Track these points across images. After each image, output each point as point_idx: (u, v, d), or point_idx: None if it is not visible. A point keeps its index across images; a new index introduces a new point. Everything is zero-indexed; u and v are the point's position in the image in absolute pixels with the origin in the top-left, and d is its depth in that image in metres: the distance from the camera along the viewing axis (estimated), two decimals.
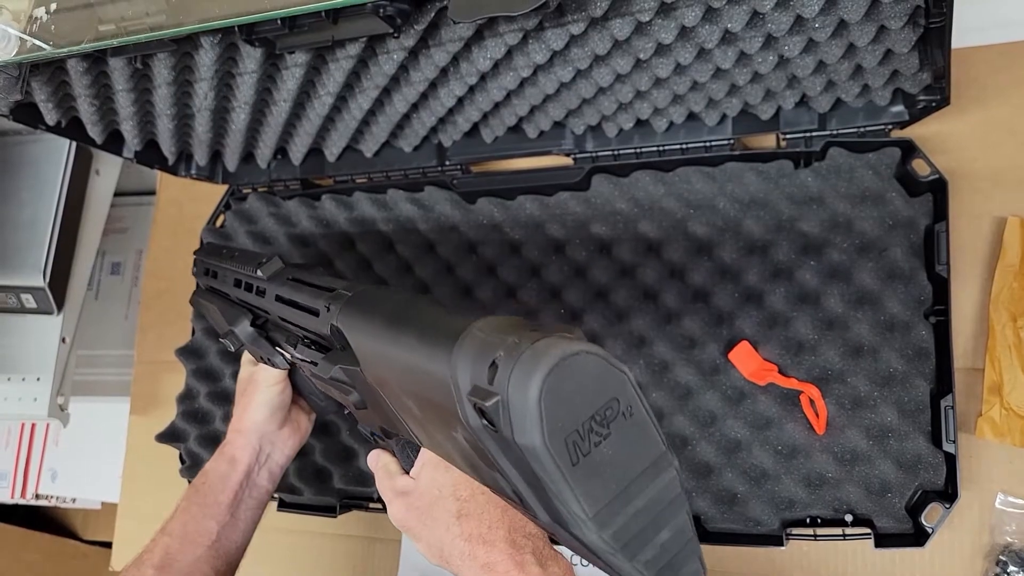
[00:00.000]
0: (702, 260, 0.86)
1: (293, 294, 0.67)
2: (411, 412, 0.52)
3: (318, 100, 0.83)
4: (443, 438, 0.50)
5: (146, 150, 0.97)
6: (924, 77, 0.73)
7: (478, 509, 0.54)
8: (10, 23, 0.49)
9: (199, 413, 1.01)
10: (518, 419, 0.36)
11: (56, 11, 0.52)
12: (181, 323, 1.11)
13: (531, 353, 0.36)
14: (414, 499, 0.58)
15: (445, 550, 0.55)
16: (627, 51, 0.70)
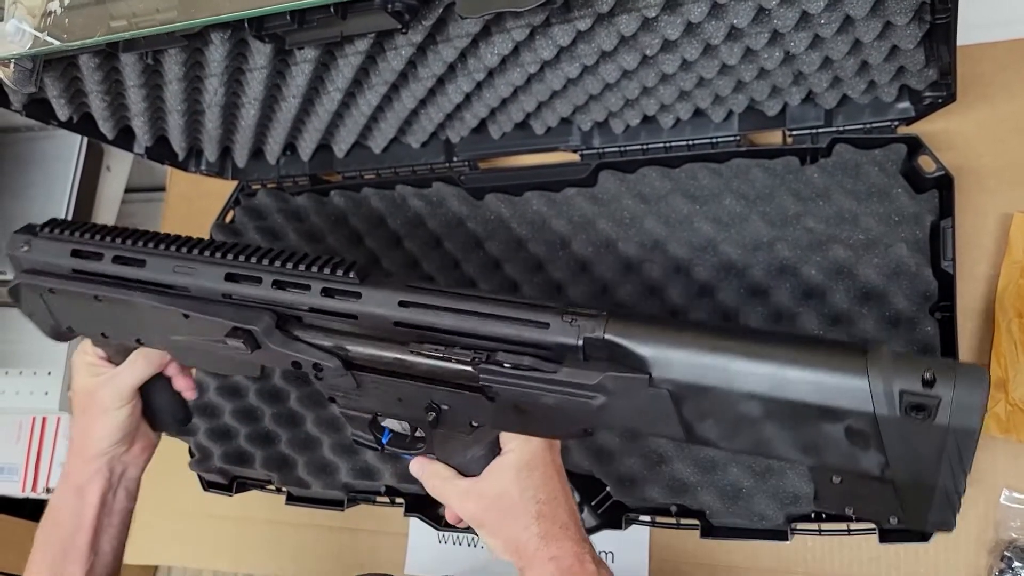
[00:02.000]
0: (708, 256, 0.86)
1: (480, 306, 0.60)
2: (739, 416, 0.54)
3: (327, 96, 0.84)
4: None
5: (156, 146, 0.98)
6: (930, 73, 0.73)
7: (553, 511, 0.61)
8: (24, 17, 0.50)
9: (208, 407, 1.02)
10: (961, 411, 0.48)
11: (70, 6, 0.53)
12: None
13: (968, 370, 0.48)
14: (492, 499, 0.62)
15: (520, 545, 0.61)
16: (634, 47, 0.70)
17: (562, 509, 0.62)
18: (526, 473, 0.62)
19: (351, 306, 0.61)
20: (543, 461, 0.63)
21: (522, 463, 0.62)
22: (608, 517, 0.86)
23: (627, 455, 0.84)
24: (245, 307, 0.63)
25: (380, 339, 0.62)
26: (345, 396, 0.66)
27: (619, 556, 0.90)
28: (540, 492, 0.62)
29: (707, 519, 0.81)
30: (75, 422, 0.75)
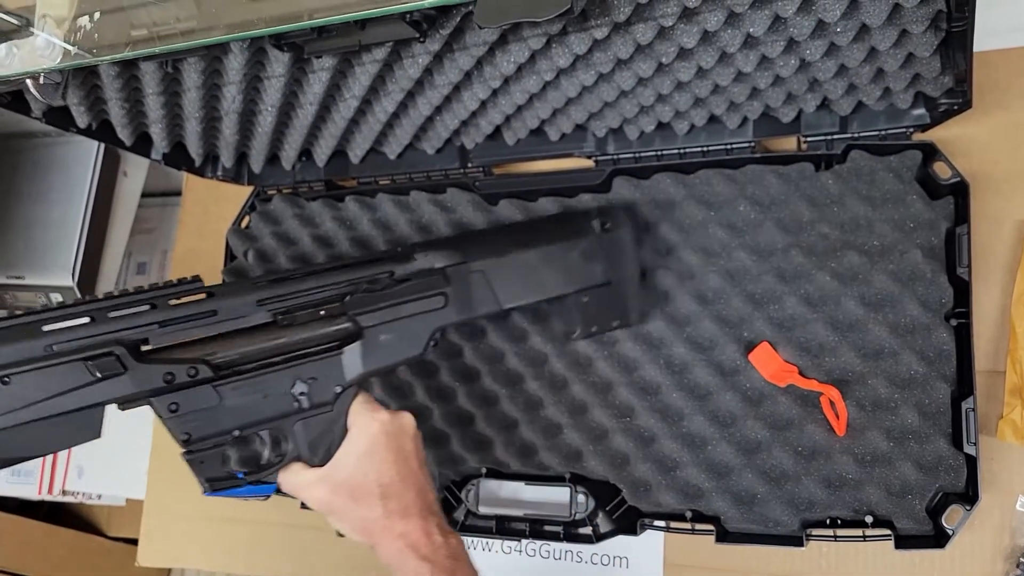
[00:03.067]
0: (722, 262, 0.86)
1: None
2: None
3: (343, 103, 0.85)
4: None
5: (174, 152, 0.99)
6: (946, 80, 0.73)
7: (398, 492, 0.69)
8: (54, 31, 0.50)
9: None
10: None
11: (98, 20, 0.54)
12: None
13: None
14: (338, 484, 0.69)
15: (369, 525, 0.68)
16: (649, 55, 0.71)
17: (408, 489, 0.69)
18: (367, 459, 0.69)
19: (208, 305, 0.67)
20: (383, 446, 0.70)
21: (363, 450, 0.70)
22: (623, 522, 0.86)
23: (641, 461, 0.84)
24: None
25: (244, 331, 0.68)
26: (201, 424, 0.67)
27: (633, 561, 0.90)
28: (383, 475, 0.69)
29: (721, 524, 0.82)
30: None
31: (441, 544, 0.69)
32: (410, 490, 0.70)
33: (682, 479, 0.83)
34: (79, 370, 0.62)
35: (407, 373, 0.95)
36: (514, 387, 0.92)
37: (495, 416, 0.91)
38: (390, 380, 0.96)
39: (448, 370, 0.94)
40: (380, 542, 0.68)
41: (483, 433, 0.92)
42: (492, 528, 0.91)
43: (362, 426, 0.70)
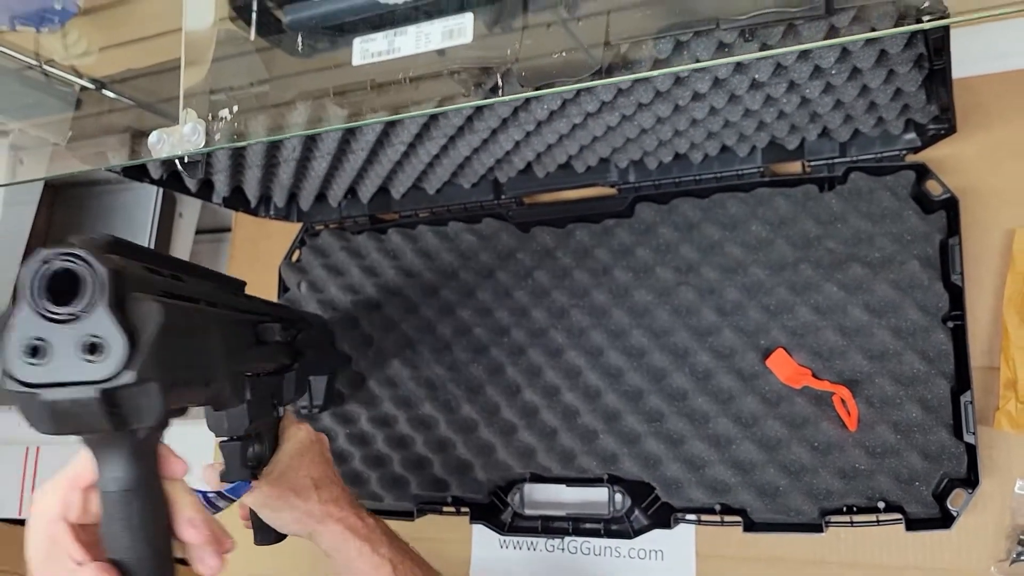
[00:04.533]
0: (738, 277, 0.95)
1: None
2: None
3: (391, 148, 0.94)
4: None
5: (232, 195, 1.08)
6: (932, 109, 0.82)
7: (327, 486, 0.79)
8: (198, 121, 0.60)
9: None
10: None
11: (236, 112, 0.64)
12: None
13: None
14: (278, 480, 0.77)
15: (307, 515, 0.77)
16: (667, 99, 0.80)
17: (335, 485, 0.81)
18: (298, 458, 0.79)
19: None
20: (310, 449, 0.81)
21: (294, 450, 0.79)
22: (657, 518, 0.94)
23: (672, 461, 0.93)
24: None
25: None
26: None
27: (668, 553, 0.98)
28: (314, 471, 0.79)
29: (748, 516, 0.90)
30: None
31: (374, 526, 0.80)
32: (336, 484, 0.81)
33: (710, 476, 0.91)
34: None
35: (454, 388, 1.04)
36: (552, 398, 1.00)
37: (536, 426, 1.00)
38: (436, 396, 1.05)
39: (492, 385, 1.03)
40: (320, 529, 0.78)
41: (526, 441, 1.00)
42: (538, 528, 0.99)
43: (291, 432, 0.81)
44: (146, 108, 0.85)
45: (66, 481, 0.53)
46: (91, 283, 0.44)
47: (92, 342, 0.44)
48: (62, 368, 0.44)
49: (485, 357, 1.04)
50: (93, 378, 0.44)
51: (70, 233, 1.26)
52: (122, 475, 0.49)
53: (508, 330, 1.04)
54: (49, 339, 0.44)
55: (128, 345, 0.44)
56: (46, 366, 0.44)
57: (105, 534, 0.50)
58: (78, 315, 0.44)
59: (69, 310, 0.44)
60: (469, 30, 0.69)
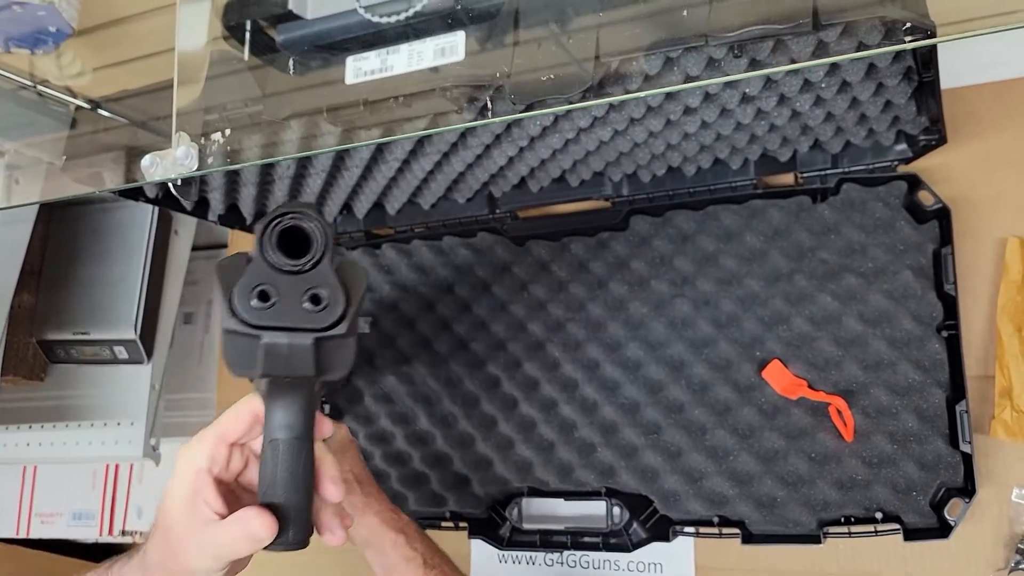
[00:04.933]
0: (733, 288, 0.95)
1: None
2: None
3: (385, 164, 0.94)
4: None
5: (227, 213, 1.09)
6: (922, 121, 0.82)
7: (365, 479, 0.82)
8: (191, 144, 0.61)
9: None
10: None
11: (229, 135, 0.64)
12: None
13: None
14: None
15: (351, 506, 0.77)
16: (659, 113, 0.80)
17: (370, 479, 0.81)
18: (341, 454, 0.77)
19: None
20: (351, 446, 0.81)
21: (338, 447, 0.78)
22: (656, 530, 0.94)
23: (670, 473, 0.93)
24: None
25: None
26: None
27: (667, 566, 0.98)
28: (355, 466, 0.80)
29: (746, 528, 0.90)
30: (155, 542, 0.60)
31: (408, 521, 0.82)
32: (372, 483, 0.82)
33: (708, 488, 0.91)
34: None
35: (450, 404, 1.04)
36: (549, 412, 1.00)
37: (534, 439, 1.00)
38: (434, 411, 1.05)
39: (488, 399, 1.03)
40: (360, 521, 0.78)
41: (523, 455, 1.00)
42: (536, 542, 0.99)
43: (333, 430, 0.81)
44: (141, 127, 0.86)
45: (214, 436, 0.56)
46: (319, 241, 0.50)
47: (315, 293, 0.49)
48: (285, 314, 0.49)
49: (481, 371, 1.04)
50: (312, 326, 0.49)
51: (67, 252, 1.27)
52: (296, 422, 0.53)
53: (504, 344, 1.04)
54: (276, 286, 0.49)
55: (345, 300, 0.50)
56: (271, 311, 0.49)
57: (266, 481, 0.53)
58: (305, 268, 0.49)
59: (298, 262, 0.49)
60: (461, 48, 0.70)
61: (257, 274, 0.49)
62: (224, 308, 0.49)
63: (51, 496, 1.60)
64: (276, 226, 0.49)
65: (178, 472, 0.56)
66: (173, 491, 0.56)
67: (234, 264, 0.50)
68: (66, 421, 1.30)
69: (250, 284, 0.49)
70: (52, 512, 1.59)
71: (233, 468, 0.57)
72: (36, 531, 1.60)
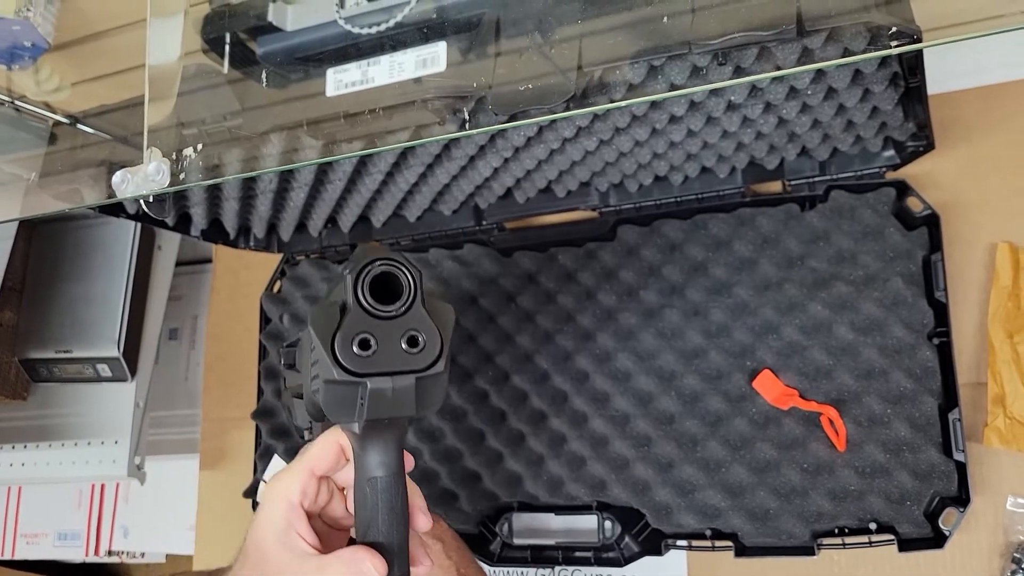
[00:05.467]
0: (723, 298, 0.94)
1: None
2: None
3: (369, 177, 0.93)
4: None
5: (210, 228, 1.07)
6: (909, 127, 0.82)
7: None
8: (163, 160, 0.59)
9: None
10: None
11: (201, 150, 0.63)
12: (243, 383, 1.21)
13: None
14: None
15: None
16: (644, 122, 0.79)
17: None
18: None
19: None
20: None
21: None
22: (648, 544, 0.93)
23: (661, 486, 0.92)
24: None
25: None
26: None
27: None
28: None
29: (739, 540, 0.89)
30: (247, 573, 0.58)
31: (445, 527, 0.82)
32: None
33: (700, 500, 0.90)
34: None
35: (437, 418, 1.03)
36: (538, 425, 0.99)
37: (523, 453, 0.99)
38: (421, 425, 1.04)
39: (475, 414, 1.02)
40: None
41: (512, 470, 0.99)
42: (527, 558, 0.98)
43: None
44: (123, 142, 0.84)
45: (305, 470, 0.57)
46: (410, 284, 0.51)
47: (412, 335, 0.51)
48: (386, 359, 0.51)
49: (468, 384, 1.03)
50: (413, 367, 0.51)
51: (49, 269, 1.25)
52: (393, 460, 0.54)
53: (491, 357, 1.03)
54: (375, 333, 0.50)
55: (441, 339, 0.52)
56: (372, 357, 0.50)
57: (366, 520, 0.54)
58: (401, 312, 0.51)
59: (394, 307, 0.51)
60: (443, 59, 0.69)
61: (356, 323, 0.50)
62: (327, 360, 0.50)
63: (36, 516, 1.58)
64: (368, 274, 0.51)
65: (270, 504, 0.57)
66: (266, 524, 0.56)
67: (328, 314, 0.51)
68: (49, 440, 1.27)
69: (351, 334, 0.50)
70: (37, 532, 1.57)
71: (320, 502, 0.58)
72: (21, 552, 1.58)
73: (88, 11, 0.91)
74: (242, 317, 1.25)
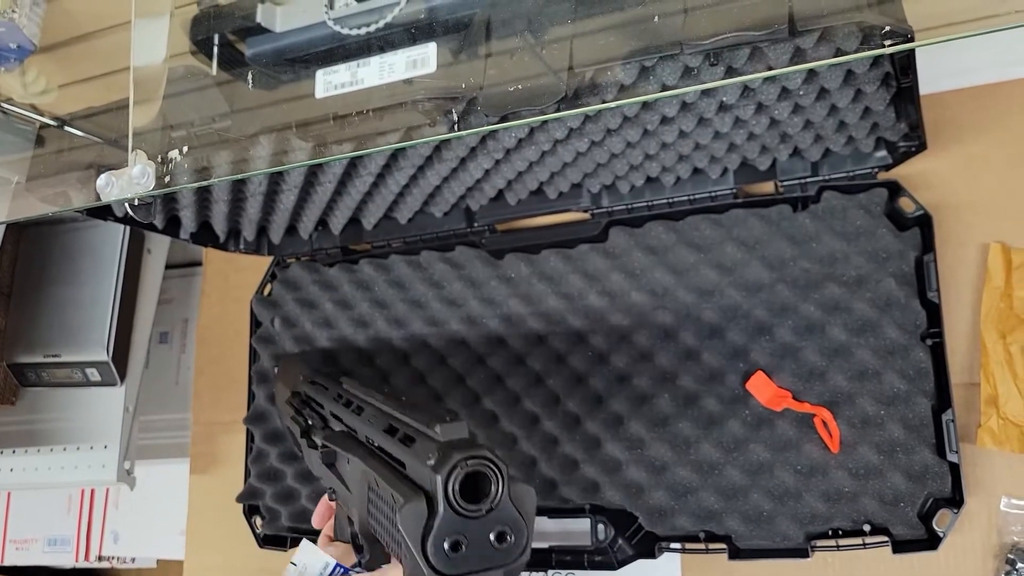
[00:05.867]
0: (715, 300, 0.94)
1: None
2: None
3: (359, 179, 0.92)
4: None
5: (200, 231, 1.06)
6: (901, 127, 0.81)
7: None
8: (148, 163, 0.59)
9: (271, 472, 1.10)
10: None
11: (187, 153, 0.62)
12: (234, 387, 1.20)
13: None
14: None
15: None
16: (636, 123, 0.79)
17: None
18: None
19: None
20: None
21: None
22: (641, 547, 0.93)
23: (655, 488, 0.91)
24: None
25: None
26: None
27: None
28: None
29: (733, 543, 0.88)
30: None
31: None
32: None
33: (694, 503, 0.90)
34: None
35: None
36: (530, 428, 0.98)
37: (515, 456, 0.98)
38: None
39: (467, 417, 1.01)
40: None
41: None
42: None
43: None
44: (109, 144, 0.84)
45: None
46: (499, 482, 0.51)
47: (501, 531, 0.51)
48: (475, 556, 0.51)
49: (460, 388, 1.02)
50: (501, 562, 0.51)
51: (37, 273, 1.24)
52: None
53: (483, 359, 1.02)
54: (466, 533, 0.50)
55: (527, 530, 0.52)
56: (462, 556, 0.50)
57: None
58: (490, 511, 0.51)
59: (483, 507, 0.51)
60: (433, 60, 0.69)
61: (447, 527, 0.50)
62: (417, 560, 0.50)
63: (25, 522, 1.57)
64: (458, 476, 0.50)
65: None
66: None
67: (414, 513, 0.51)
68: (38, 445, 1.27)
69: (442, 537, 0.50)
70: (27, 538, 1.56)
71: None
72: (11, 558, 1.57)
73: (75, 12, 0.91)
74: (233, 321, 1.25)
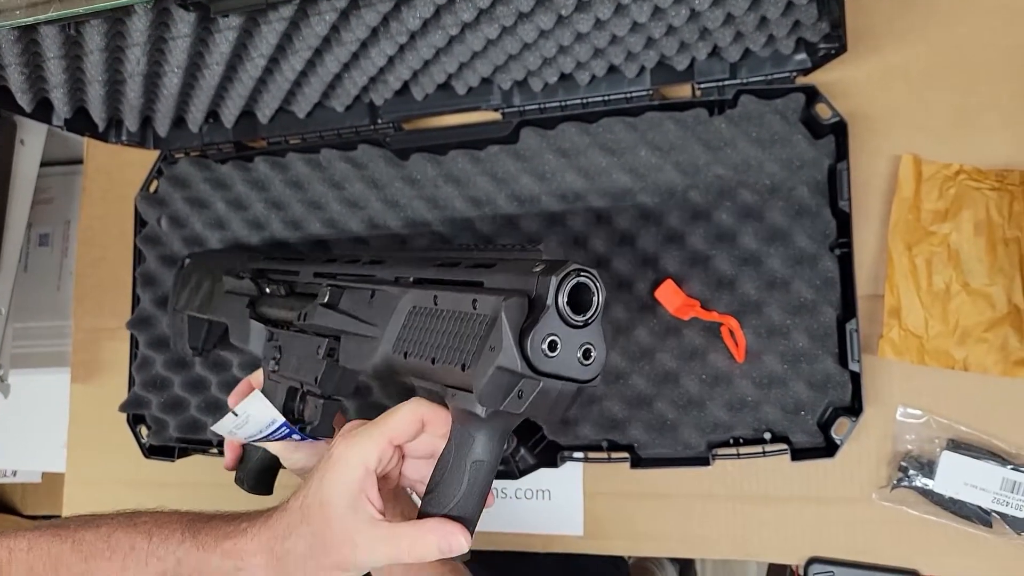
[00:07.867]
0: (627, 206, 0.91)
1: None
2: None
3: (251, 63, 0.85)
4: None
5: (76, 117, 0.97)
6: (823, 26, 0.79)
7: None
8: None
9: (157, 380, 1.04)
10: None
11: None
12: (118, 290, 1.12)
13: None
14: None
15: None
16: (550, 8, 0.74)
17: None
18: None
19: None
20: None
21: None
22: (544, 456, 0.91)
23: None
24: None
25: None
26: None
27: (555, 492, 0.96)
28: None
29: (635, 451, 0.87)
30: (302, 531, 0.57)
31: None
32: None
33: (598, 411, 0.88)
34: None
35: None
36: None
37: None
38: None
39: None
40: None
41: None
42: None
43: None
44: None
45: (384, 437, 0.57)
46: (599, 299, 0.52)
47: (588, 348, 0.52)
48: (563, 364, 0.51)
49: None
50: (581, 377, 0.52)
51: None
52: (500, 451, 0.56)
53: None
54: (562, 339, 0.51)
55: (605, 357, 0.53)
56: (554, 360, 0.51)
57: (453, 495, 0.55)
58: (586, 324, 0.52)
59: (584, 318, 0.51)
60: None
61: (551, 324, 0.51)
62: (512, 350, 0.51)
63: None
64: (570, 281, 0.51)
65: (345, 467, 0.57)
66: (338, 485, 0.56)
67: (518, 306, 0.52)
68: None
69: (543, 333, 0.51)
70: None
71: (389, 468, 0.60)
72: None
73: None
74: (117, 220, 1.16)
